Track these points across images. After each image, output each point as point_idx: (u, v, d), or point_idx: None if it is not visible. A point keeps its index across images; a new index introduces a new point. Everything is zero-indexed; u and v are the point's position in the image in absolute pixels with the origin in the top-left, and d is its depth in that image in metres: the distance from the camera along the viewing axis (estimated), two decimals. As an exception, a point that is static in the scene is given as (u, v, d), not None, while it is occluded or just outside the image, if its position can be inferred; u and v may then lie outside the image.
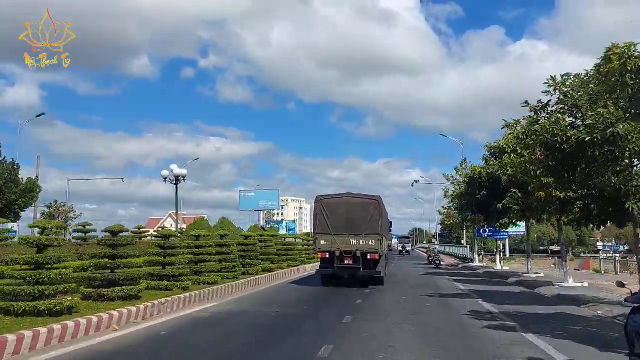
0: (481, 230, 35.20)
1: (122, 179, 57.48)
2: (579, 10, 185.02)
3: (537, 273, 25.90)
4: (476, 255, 40.63)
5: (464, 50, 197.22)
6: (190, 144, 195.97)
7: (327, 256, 18.75)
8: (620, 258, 43.88)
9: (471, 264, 38.23)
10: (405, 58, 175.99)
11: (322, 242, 18.75)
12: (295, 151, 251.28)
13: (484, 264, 39.05)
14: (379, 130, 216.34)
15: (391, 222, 28.11)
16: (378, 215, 18.82)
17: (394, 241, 65.42)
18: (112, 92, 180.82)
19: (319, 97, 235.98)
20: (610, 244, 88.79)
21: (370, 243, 18.35)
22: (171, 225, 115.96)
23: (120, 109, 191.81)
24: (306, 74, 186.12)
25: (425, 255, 39.70)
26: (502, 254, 38.42)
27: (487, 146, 25.08)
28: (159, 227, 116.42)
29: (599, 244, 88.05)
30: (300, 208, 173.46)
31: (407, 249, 65.06)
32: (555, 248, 78.28)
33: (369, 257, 18.44)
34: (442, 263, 36.10)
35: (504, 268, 32.55)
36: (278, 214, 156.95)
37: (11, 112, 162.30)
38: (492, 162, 23.96)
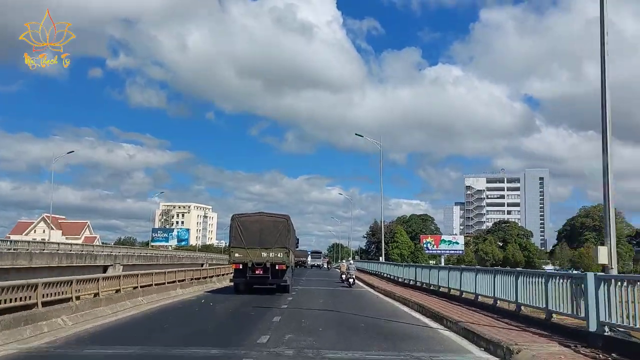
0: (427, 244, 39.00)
1: None
2: (491, 38, 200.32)
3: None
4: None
5: (382, 70, 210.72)
6: (101, 149, 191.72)
7: (240, 267, 21.28)
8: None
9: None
10: (326, 74, 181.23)
11: (237, 254, 21.28)
12: (214, 162, 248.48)
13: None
14: (301, 145, 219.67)
15: (298, 239, 30.94)
16: (286, 231, 21.57)
17: (309, 258, 73.64)
18: (11, 89, 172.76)
19: (239, 108, 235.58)
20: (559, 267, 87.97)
21: (278, 255, 21.15)
22: (44, 231, 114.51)
23: (24, 108, 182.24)
24: (225, 83, 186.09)
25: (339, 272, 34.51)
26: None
27: None
28: (29, 231, 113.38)
29: (548, 267, 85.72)
30: (205, 216, 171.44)
31: (318, 263, 72.08)
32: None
33: (277, 267, 21.21)
34: (355, 281, 31.32)
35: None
36: (177, 222, 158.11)
37: None
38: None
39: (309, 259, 74.09)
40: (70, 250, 39.55)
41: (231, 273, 24.00)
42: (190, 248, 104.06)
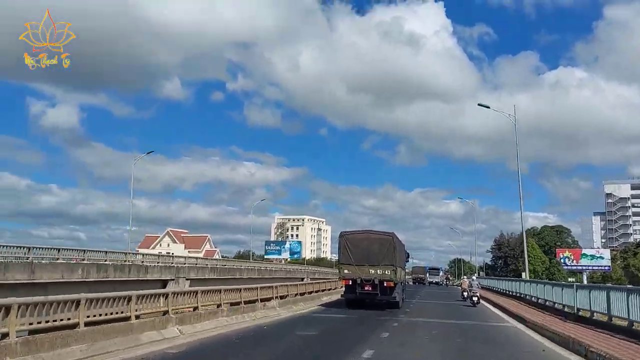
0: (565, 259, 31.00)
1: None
2: (617, 36, 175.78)
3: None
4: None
5: (496, 76, 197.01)
6: (225, 167, 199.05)
7: (350, 283, 22.15)
8: None
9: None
10: (437, 83, 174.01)
11: (346, 271, 22.19)
12: (328, 178, 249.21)
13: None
14: (413, 158, 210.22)
15: (408, 254, 30.87)
16: (392, 249, 22.05)
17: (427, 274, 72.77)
18: (146, 115, 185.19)
19: (350, 123, 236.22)
20: None
21: (386, 272, 21.56)
22: (168, 245, 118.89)
23: (155, 132, 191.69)
24: (336, 99, 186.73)
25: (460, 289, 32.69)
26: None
27: None
28: (155, 245, 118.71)
29: None
30: (319, 229, 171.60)
31: (436, 280, 71.22)
32: None
33: (385, 284, 21.60)
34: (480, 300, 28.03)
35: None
36: (292, 235, 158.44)
37: (52, 133, 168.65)
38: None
39: (427, 275, 72.86)
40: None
41: (341, 288, 25.51)
42: (300, 261, 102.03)
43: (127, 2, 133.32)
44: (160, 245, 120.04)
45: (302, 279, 48.06)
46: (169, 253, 72.58)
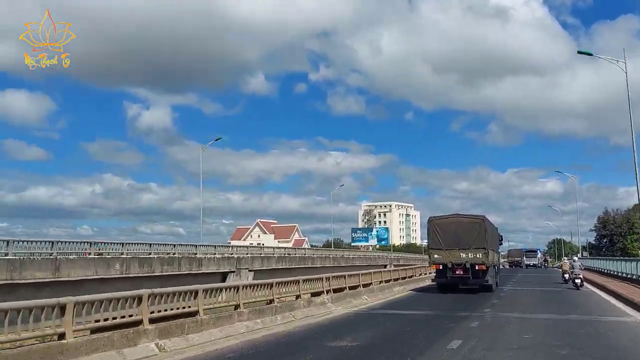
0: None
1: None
2: None
3: None
4: None
5: (594, 44, 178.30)
6: (312, 158, 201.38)
7: (441, 267, 22.30)
8: None
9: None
10: (528, 57, 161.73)
11: (436, 256, 22.36)
12: (417, 162, 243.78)
13: None
14: (505, 137, 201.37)
15: (501, 237, 30.29)
16: (483, 232, 22.04)
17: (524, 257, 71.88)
18: (234, 111, 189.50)
19: (436, 104, 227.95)
20: None
21: (477, 256, 21.55)
22: (259, 236, 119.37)
23: (243, 127, 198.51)
24: (421, 81, 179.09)
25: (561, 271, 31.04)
26: None
27: None
28: (246, 236, 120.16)
29: None
30: (407, 215, 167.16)
31: (534, 262, 68.63)
32: None
33: (476, 267, 21.59)
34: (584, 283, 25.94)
35: None
36: (379, 221, 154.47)
37: (147, 134, 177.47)
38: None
39: (524, 258, 70.87)
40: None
41: (429, 274, 26.82)
42: (387, 248, 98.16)
43: (210, 2, 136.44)
44: (251, 236, 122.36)
45: (385, 266, 45.09)
46: (259, 244, 72.31)
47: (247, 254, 32.66)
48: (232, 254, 31.24)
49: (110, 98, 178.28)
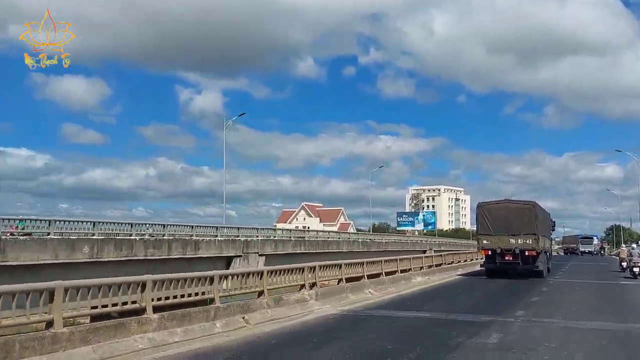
0: None
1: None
2: None
3: None
4: None
5: None
6: (361, 142, 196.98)
7: (489, 253, 22.45)
8: None
9: None
10: (587, 36, 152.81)
11: (485, 241, 22.51)
12: (469, 146, 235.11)
13: None
14: (562, 119, 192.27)
15: (554, 222, 30.24)
16: (534, 218, 21.86)
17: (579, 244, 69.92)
18: (284, 95, 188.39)
19: (490, 86, 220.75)
20: None
21: (527, 242, 21.40)
22: (304, 219, 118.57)
23: (293, 111, 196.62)
24: (474, 62, 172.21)
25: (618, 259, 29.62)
26: None
27: None
28: (292, 219, 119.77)
29: None
30: (457, 199, 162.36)
31: (589, 249, 66.54)
32: None
33: (526, 253, 21.48)
34: None
35: None
36: (427, 205, 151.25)
37: (199, 118, 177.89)
38: None
39: (580, 244, 68.60)
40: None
41: (477, 260, 27.46)
42: (432, 233, 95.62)
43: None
44: (297, 219, 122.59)
45: (424, 252, 43.34)
46: (305, 227, 71.70)
47: (257, 236, 29.77)
48: (237, 236, 28.28)
49: (163, 82, 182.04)
